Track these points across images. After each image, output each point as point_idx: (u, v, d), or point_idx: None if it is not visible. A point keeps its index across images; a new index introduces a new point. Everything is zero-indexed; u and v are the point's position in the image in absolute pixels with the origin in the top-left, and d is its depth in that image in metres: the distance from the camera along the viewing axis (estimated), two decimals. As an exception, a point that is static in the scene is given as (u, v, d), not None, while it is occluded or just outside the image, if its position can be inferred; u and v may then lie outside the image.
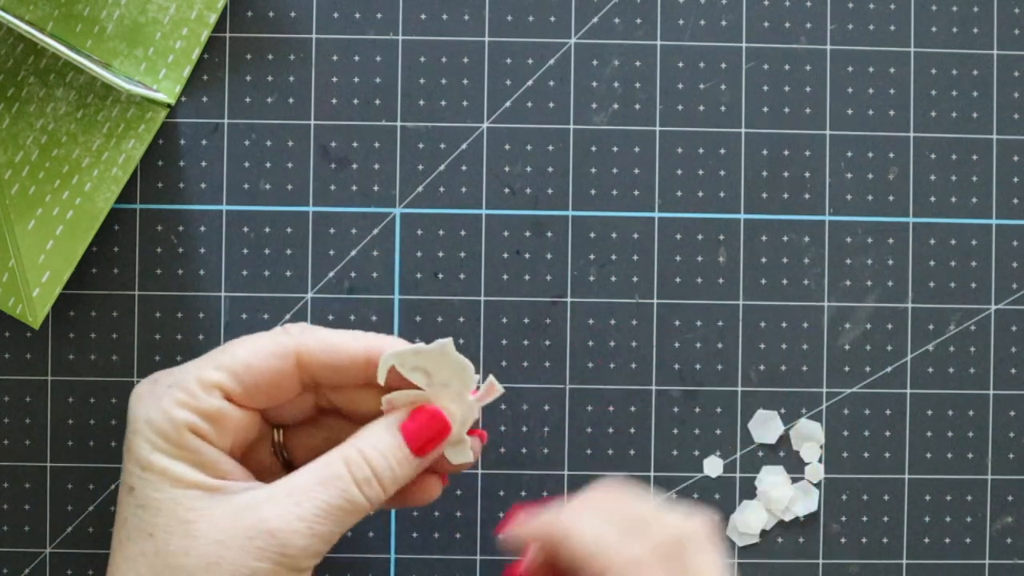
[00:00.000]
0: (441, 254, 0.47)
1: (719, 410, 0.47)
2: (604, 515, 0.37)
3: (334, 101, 0.47)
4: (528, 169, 0.47)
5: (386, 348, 0.38)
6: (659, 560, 0.36)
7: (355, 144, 0.47)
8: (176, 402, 0.37)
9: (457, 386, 0.39)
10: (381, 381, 0.38)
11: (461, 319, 0.47)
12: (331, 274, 0.47)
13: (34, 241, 0.43)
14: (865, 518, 0.47)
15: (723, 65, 0.47)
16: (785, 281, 0.47)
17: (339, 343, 0.39)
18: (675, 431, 0.47)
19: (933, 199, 0.48)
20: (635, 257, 0.47)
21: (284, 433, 0.42)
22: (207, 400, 0.37)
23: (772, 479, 0.47)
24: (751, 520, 0.47)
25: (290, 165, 0.47)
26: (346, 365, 0.39)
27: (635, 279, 0.47)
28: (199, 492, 0.36)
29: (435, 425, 0.38)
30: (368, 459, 0.37)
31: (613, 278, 0.47)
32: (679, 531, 0.37)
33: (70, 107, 0.43)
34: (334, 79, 0.47)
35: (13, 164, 0.42)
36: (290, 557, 0.35)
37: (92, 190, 0.44)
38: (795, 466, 0.47)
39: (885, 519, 0.47)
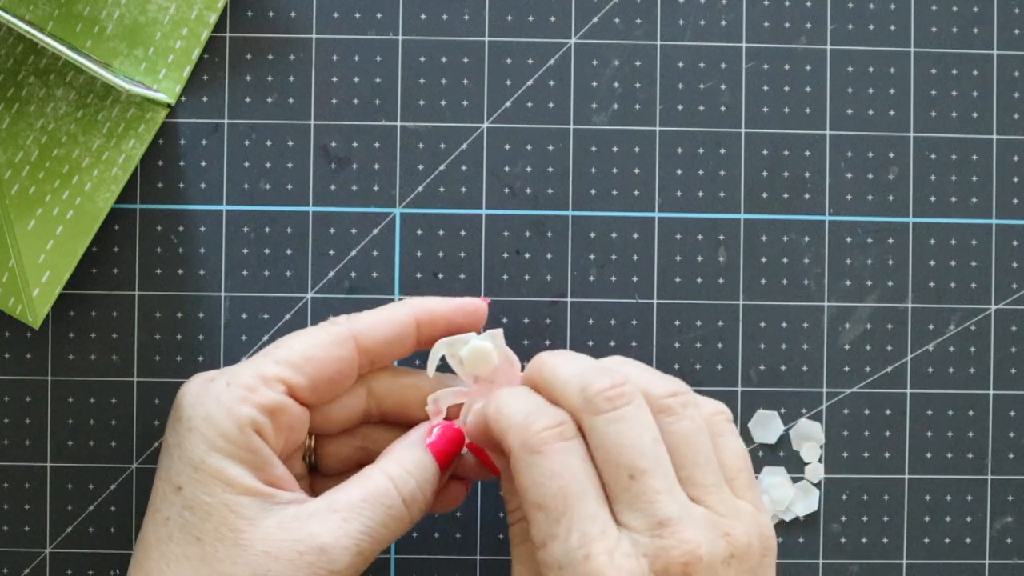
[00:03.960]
0: (441, 254, 0.47)
1: (719, 410, 0.47)
2: (530, 392, 0.37)
3: (334, 101, 0.47)
4: (528, 169, 0.47)
5: (426, 306, 0.40)
6: (561, 433, 0.35)
7: (355, 144, 0.47)
8: (238, 398, 0.37)
9: (502, 381, 0.39)
10: (430, 373, 0.40)
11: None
12: (331, 274, 0.47)
13: (34, 241, 0.43)
14: (865, 518, 0.47)
15: (723, 65, 0.47)
16: (785, 281, 0.47)
17: (386, 315, 0.40)
18: (675, 431, 0.47)
19: (933, 199, 0.48)
20: (635, 257, 0.47)
21: (316, 440, 0.42)
22: (269, 394, 0.37)
23: (772, 479, 0.47)
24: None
25: (290, 165, 0.47)
26: (399, 334, 0.40)
27: (635, 279, 0.47)
28: (251, 499, 0.36)
29: (457, 441, 0.40)
30: (412, 475, 0.38)
31: (613, 278, 0.47)
32: (592, 395, 0.36)
33: (70, 107, 0.44)
34: (334, 79, 0.47)
35: (13, 164, 0.42)
36: (337, 574, 0.36)
37: (92, 190, 0.44)
38: (795, 466, 0.47)
39: (885, 519, 0.47)
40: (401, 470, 0.38)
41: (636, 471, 0.34)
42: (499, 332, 0.40)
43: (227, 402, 0.37)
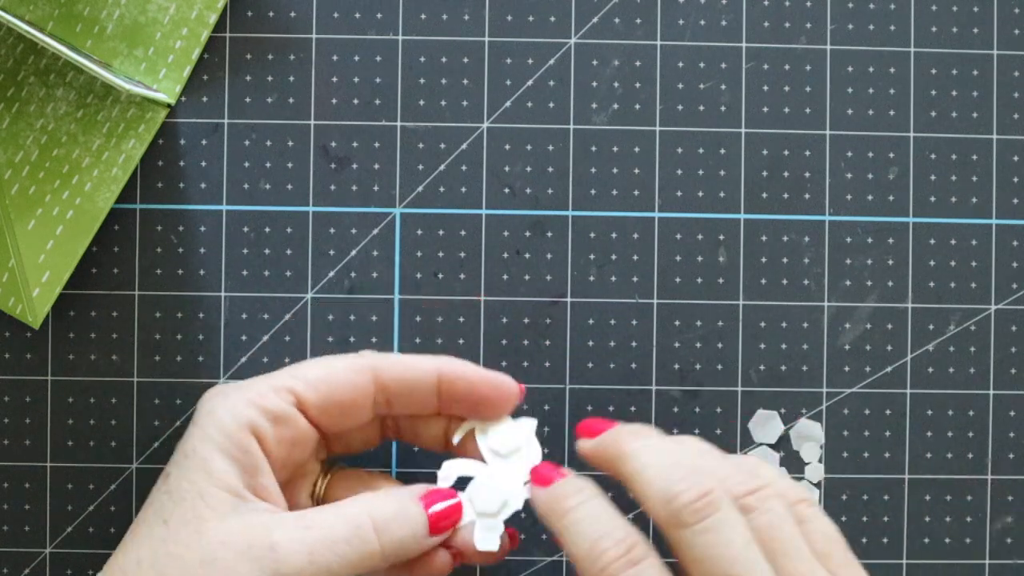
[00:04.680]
0: (441, 254, 0.47)
1: (719, 410, 0.47)
2: (670, 451, 0.37)
3: (334, 101, 0.47)
4: (528, 169, 0.47)
5: (454, 366, 0.39)
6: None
7: (355, 144, 0.47)
8: (245, 400, 0.37)
9: (518, 467, 0.39)
10: (455, 441, 0.40)
11: (461, 319, 0.47)
12: (331, 274, 0.47)
13: (34, 241, 0.43)
14: (865, 518, 0.47)
15: (723, 65, 0.47)
16: (785, 281, 0.47)
17: (411, 360, 0.39)
18: (675, 431, 0.47)
19: (933, 199, 0.48)
20: (635, 257, 0.47)
21: (328, 482, 0.42)
22: (276, 401, 0.38)
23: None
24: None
25: (290, 165, 0.47)
26: (419, 380, 0.39)
27: (635, 279, 0.47)
28: (226, 495, 0.36)
29: (455, 512, 0.39)
30: (396, 527, 0.37)
31: (613, 278, 0.47)
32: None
33: (70, 107, 0.44)
34: (334, 79, 0.47)
35: (13, 164, 0.42)
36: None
37: (92, 190, 0.44)
38: (795, 466, 0.47)
39: (885, 519, 0.47)
40: (388, 518, 0.37)
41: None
42: (534, 423, 0.40)
43: (233, 402, 0.37)
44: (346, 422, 0.39)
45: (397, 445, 0.47)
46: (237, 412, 0.37)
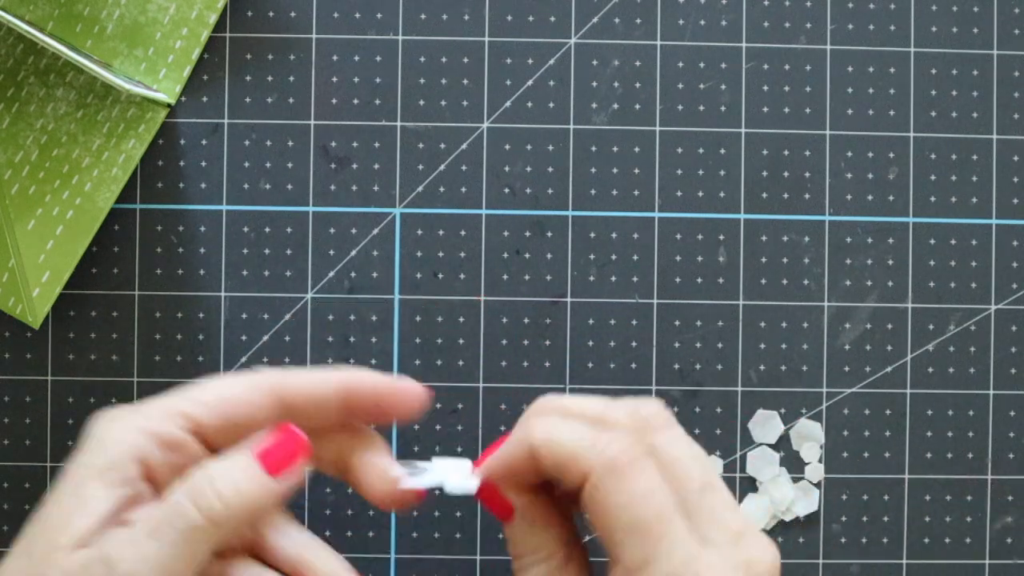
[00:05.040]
0: (441, 254, 0.47)
1: (719, 410, 0.47)
2: (567, 419, 0.36)
3: (334, 101, 0.47)
4: (528, 169, 0.47)
5: (358, 379, 0.37)
6: (640, 452, 0.34)
7: (355, 144, 0.47)
8: (133, 426, 0.35)
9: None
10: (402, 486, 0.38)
11: (461, 319, 0.47)
12: (331, 274, 0.47)
13: (34, 241, 0.43)
14: (865, 518, 0.47)
15: (723, 65, 0.47)
16: (785, 281, 0.47)
17: (311, 375, 0.37)
18: (675, 431, 0.47)
19: (933, 199, 0.48)
20: (635, 257, 0.47)
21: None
22: (166, 426, 0.35)
23: (772, 470, 0.47)
24: (757, 512, 0.47)
25: (290, 165, 0.47)
26: (320, 393, 0.37)
27: (635, 279, 0.47)
28: (92, 523, 0.34)
29: (289, 446, 0.36)
30: (219, 489, 0.34)
31: (613, 278, 0.47)
32: (640, 418, 0.35)
33: (70, 107, 0.44)
34: (334, 79, 0.47)
35: (13, 164, 0.42)
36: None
37: (92, 190, 0.44)
38: (795, 466, 0.47)
39: (885, 519, 0.47)
40: (207, 484, 0.34)
41: (706, 484, 0.34)
42: (468, 465, 0.38)
43: (121, 428, 0.35)
44: (247, 435, 0.37)
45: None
46: (124, 439, 0.35)
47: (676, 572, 0.33)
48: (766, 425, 0.47)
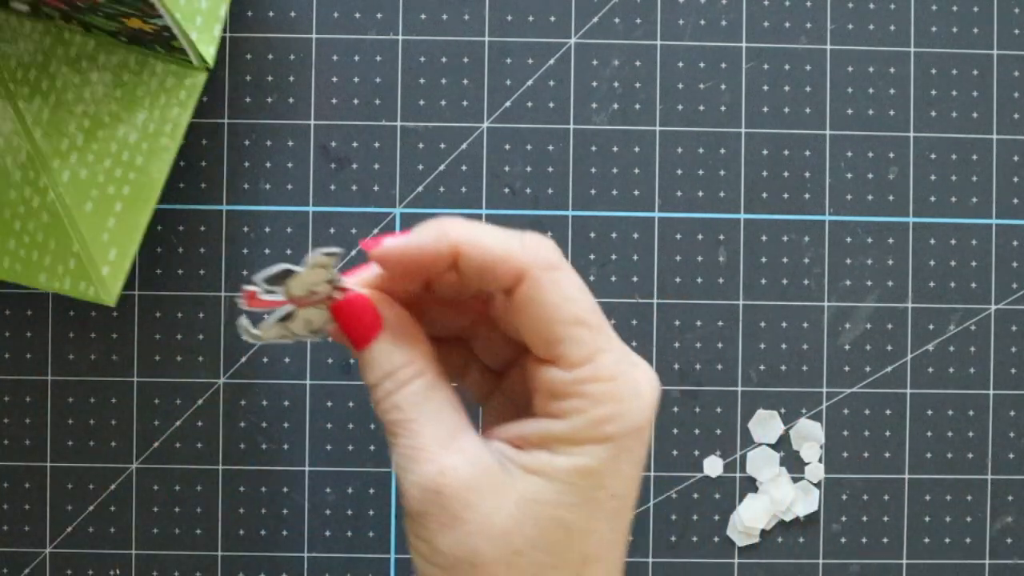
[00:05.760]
0: (441, 254, 0.47)
1: (719, 410, 0.47)
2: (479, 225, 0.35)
3: (334, 101, 0.47)
4: (528, 169, 0.47)
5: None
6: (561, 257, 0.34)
7: (355, 144, 0.47)
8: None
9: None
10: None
11: (461, 319, 0.47)
12: (331, 274, 0.47)
13: (94, 222, 0.42)
14: (865, 518, 0.47)
15: (723, 65, 0.47)
16: (785, 281, 0.47)
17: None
18: (675, 431, 0.47)
19: (933, 199, 0.48)
20: (635, 257, 0.47)
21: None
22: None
23: (772, 470, 0.47)
24: (757, 512, 0.47)
25: (290, 165, 0.47)
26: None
27: (635, 279, 0.47)
28: None
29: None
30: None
31: (613, 278, 0.47)
32: (537, 241, 0.34)
33: (107, 88, 0.43)
34: (334, 79, 0.47)
35: (60, 152, 0.42)
36: None
37: (145, 163, 0.44)
38: (795, 466, 0.47)
39: (885, 519, 0.47)
40: None
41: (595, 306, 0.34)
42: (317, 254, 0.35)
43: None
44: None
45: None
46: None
47: (621, 359, 0.34)
48: (766, 425, 0.47)
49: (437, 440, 0.34)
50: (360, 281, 0.36)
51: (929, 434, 0.47)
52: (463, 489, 0.33)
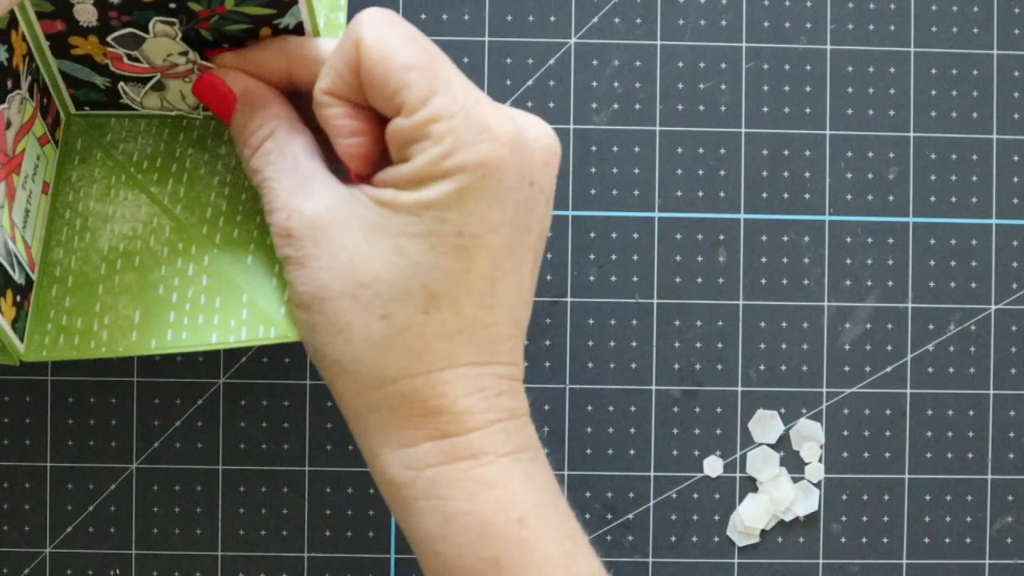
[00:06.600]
0: (441, 254, 0.47)
1: (719, 410, 0.47)
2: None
3: (334, 101, 0.47)
4: (528, 169, 0.47)
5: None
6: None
7: (355, 144, 0.47)
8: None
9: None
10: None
11: (461, 319, 0.47)
12: (331, 274, 0.47)
13: (259, 271, 0.41)
14: (865, 518, 0.47)
15: (723, 65, 0.47)
16: (785, 281, 0.47)
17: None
18: (675, 431, 0.47)
19: (933, 199, 0.48)
20: (635, 257, 0.47)
21: None
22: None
23: (772, 470, 0.47)
24: (757, 512, 0.47)
25: (290, 165, 0.47)
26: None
27: (635, 279, 0.47)
28: None
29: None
30: None
31: (613, 278, 0.47)
32: (369, 11, 0.36)
33: (238, 159, 0.42)
34: (334, 79, 0.47)
35: (206, 220, 0.41)
36: None
37: None
38: (795, 466, 0.47)
39: (885, 519, 0.47)
40: None
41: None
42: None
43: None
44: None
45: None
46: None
47: (457, 100, 0.35)
48: (766, 425, 0.47)
49: (289, 190, 0.36)
50: (223, 61, 0.38)
51: (929, 434, 0.47)
52: (309, 227, 0.35)
